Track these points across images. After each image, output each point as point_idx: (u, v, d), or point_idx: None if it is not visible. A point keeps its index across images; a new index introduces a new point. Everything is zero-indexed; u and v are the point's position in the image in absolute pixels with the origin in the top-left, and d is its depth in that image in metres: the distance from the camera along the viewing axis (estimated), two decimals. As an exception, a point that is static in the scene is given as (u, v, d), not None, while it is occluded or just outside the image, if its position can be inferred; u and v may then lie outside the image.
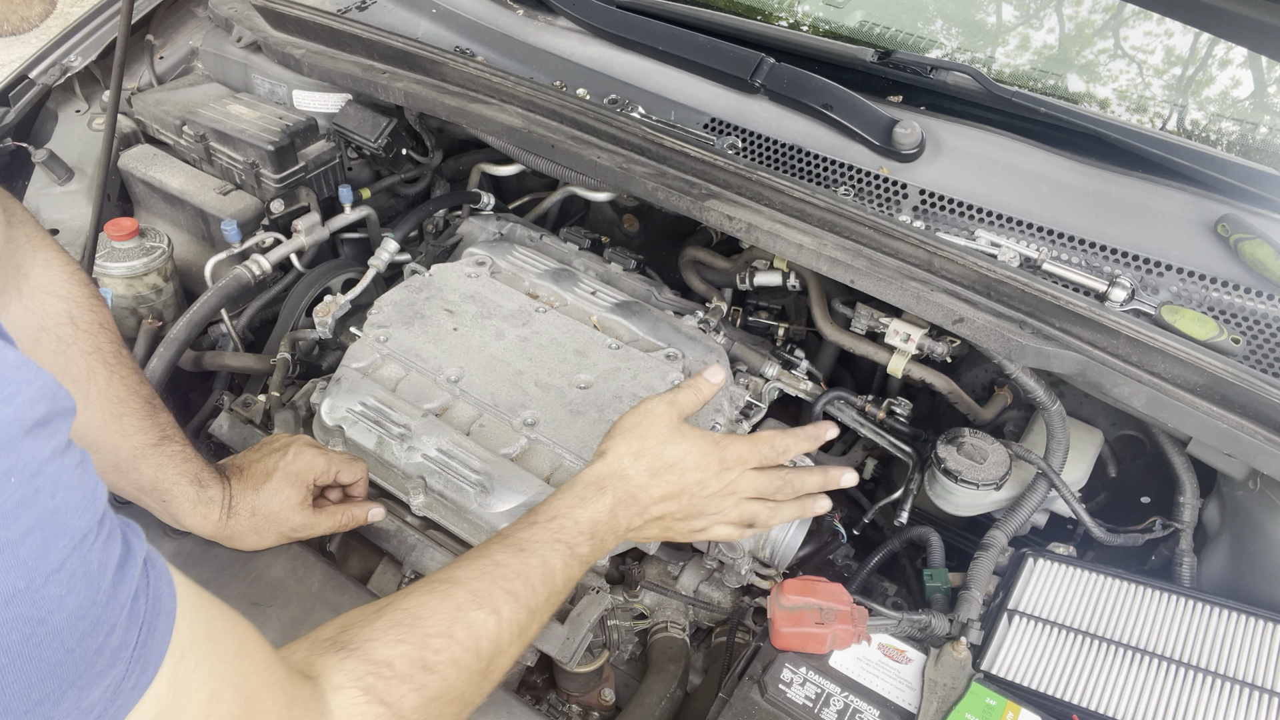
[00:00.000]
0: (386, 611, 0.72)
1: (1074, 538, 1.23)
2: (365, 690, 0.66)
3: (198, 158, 1.55)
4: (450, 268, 1.39)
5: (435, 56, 1.47)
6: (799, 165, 1.39)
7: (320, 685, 0.65)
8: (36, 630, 0.40)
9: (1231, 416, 1.00)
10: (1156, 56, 1.67)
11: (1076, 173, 1.29)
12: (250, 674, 0.57)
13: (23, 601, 0.39)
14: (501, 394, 1.19)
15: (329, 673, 0.66)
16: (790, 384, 1.33)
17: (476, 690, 0.75)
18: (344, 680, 0.66)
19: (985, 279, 1.11)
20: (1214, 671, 0.94)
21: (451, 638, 0.72)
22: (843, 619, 0.98)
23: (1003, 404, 1.31)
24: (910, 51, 1.52)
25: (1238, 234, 1.16)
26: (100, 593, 0.44)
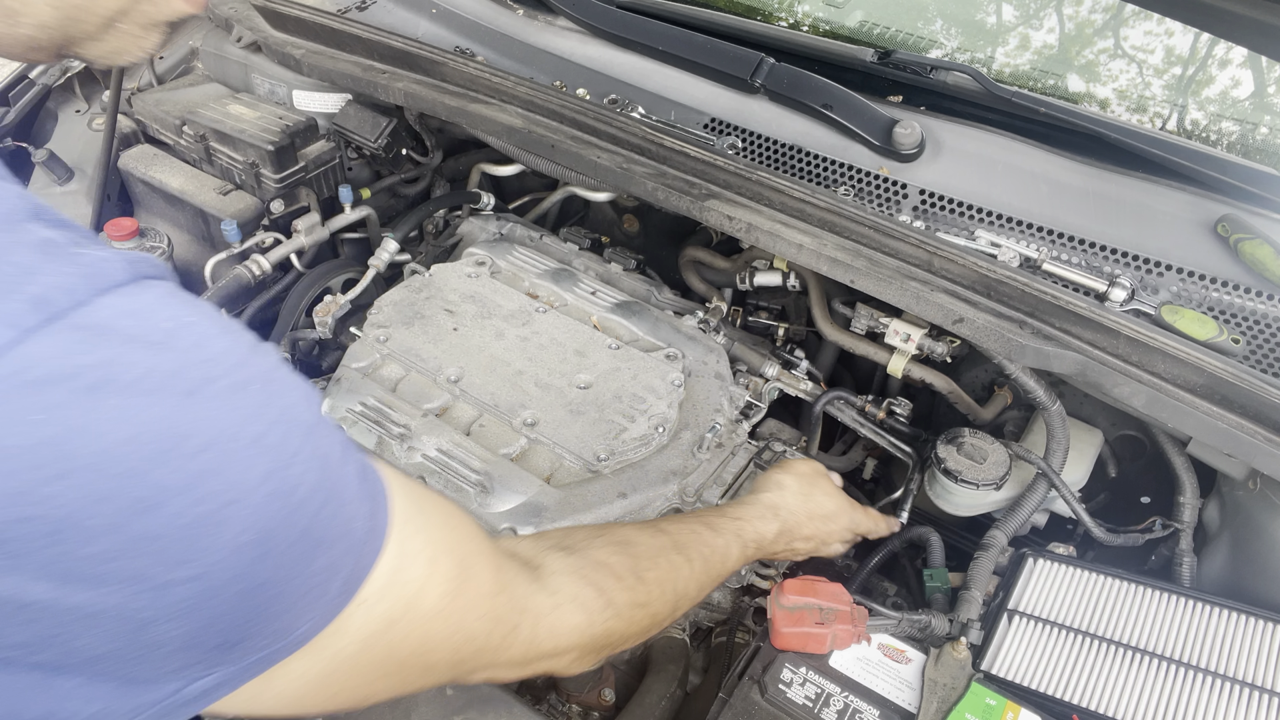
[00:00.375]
0: (605, 534, 0.83)
1: (1074, 538, 1.23)
2: (584, 578, 0.76)
3: (198, 158, 1.55)
4: (450, 268, 1.39)
5: (435, 56, 1.47)
6: (799, 165, 1.40)
7: (541, 570, 0.74)
8: (287, 502, 0.48)
9: (1231, 416, 1.00)
10: (1156, 56, 1.67)
11: (1076, 173, 1.29)
12: (459, 542, 0.64)
13: (275, 479, 0.48)
14: (501, 394, 1.19)
15: (551, 563, 0.75)
16: (790, 384, 1.33)
17: (668, 615, 0.85)
18: (565, 568, 0.75)
19: (985, 279, 1.11)
20: (1214, 671, 0.94)
21: (657, 565, 0.83)
22: (843, 619, 0.98)
23: (1003, 404, 1.31)
24: (910, 51, 1.52)
25: (1238, 234, 1.16)
26: (332, 470, 0.52)
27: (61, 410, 0.40)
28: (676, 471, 1.14)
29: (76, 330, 0.41)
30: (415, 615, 0.59)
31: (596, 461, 1.12)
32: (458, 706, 0.91)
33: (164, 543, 0.43)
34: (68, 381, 0.40)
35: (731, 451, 1.20)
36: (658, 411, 1.18)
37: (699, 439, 1.18)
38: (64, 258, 0.43)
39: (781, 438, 1.29)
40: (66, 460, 0.40)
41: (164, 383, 0.43)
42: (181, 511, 0.43)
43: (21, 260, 0.41)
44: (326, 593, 0.53)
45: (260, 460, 0.47)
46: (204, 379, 0.45)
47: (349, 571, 0.54)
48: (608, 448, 1.13)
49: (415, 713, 0.90)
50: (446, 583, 0.62)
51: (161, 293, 0.46)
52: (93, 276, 0.43)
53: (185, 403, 0.44)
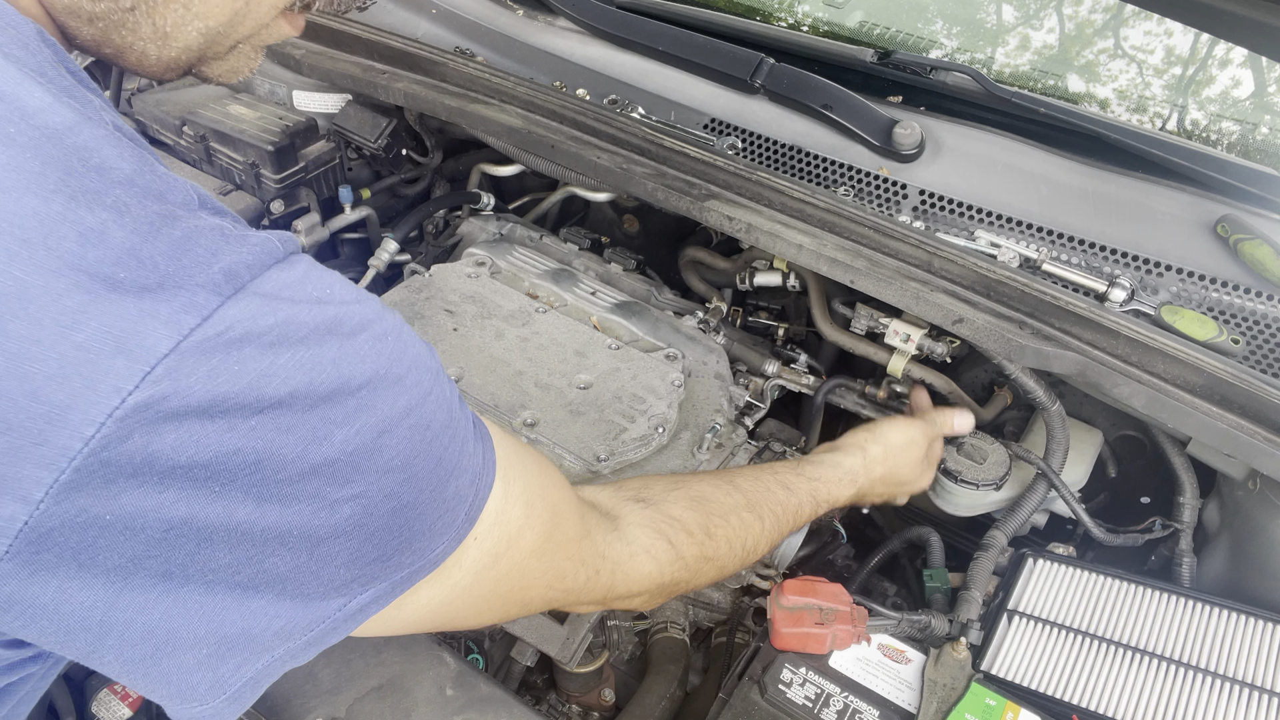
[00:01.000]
0: (681, 488, 0.89)
1: (1074, 538, 1.23)
2: (658, 531, 0.83)
3: (198, 158, 1.55)
4: (450, 268, 1.39)
5: (435, 56, 1.48)
6: (799, 165, 1.40)
7: (619, 521, 0.82)
8: (425, 434, 0.57)
9: (1231, 417, 1.00)
10: (1156, 56, 1.67)
11: (1076, 173, 1.29)
12: (551, 490, 0.72)
13: (415, 414, 0.56)
14: (501, 394, 1.19)
15: (629, 514, 0.83)
16: (791, 379, 1.33)
17: (736, 568, 0.92)
18: (641, 520, 0.83)
19: (985, 279, 1.11)
20: (1214, 671, 0.94)
21: (728, 522, 0.89)
22: (842, 619, 0.98)
23: (1003, 404, 1.31)
24: (910, 52, 1.52)
25: (1237, 234, 1.16)
26: (454, 411, 0.62)
27: (254, 361, 0.48)
28: (676, 471, 1.14)
29: (256, 297, 0.49)
30: (515, 552, 0.68)
31: (596, 462, 1.12)
32: (458, 707, 0.91)
33: (335, 467, 0.52)
34: (258, 339, 0.48)
35: (731, 451, 1.20)
36: (658, 412, 1.18)
37: (699, 439, 1.18)
38: (237, 239, 0.50)
39: (781, 438, 1.29)
40: (262, 401, 0.48)
41: (325, 337, 0.52)
42: (347, 440, 0.52)
43: (209, 243, 0.49)
44: (456, 518, 0.61)
45: (402, 398, 0.55)
46: (353, 331, 0.53)
47: (471, 501, 0.62)
48: (608, 448, 1.13)
49: (415, 713, 0.90)
50: (541, 525, 0.70)
51: (309, 264, 0.55)
52: (261, 253, 0.51)
53: (342, 352, 0.52)
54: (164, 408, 0.45)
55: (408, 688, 0.92)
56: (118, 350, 0.44)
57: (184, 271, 0.47)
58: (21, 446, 0.43)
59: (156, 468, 0.46)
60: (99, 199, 0.46)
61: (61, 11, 0.57)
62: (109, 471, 0.45)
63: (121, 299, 0.45)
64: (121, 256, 0.45)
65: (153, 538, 0.47)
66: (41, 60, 0.49)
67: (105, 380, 0.44)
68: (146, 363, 0.45)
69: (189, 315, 0.46)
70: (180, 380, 0.45)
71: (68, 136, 0.46)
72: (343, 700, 0.90)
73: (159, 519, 0.47)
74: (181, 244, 0.47)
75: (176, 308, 0.46)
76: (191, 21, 0.60)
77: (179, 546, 0.48)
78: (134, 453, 0.45)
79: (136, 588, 0.48)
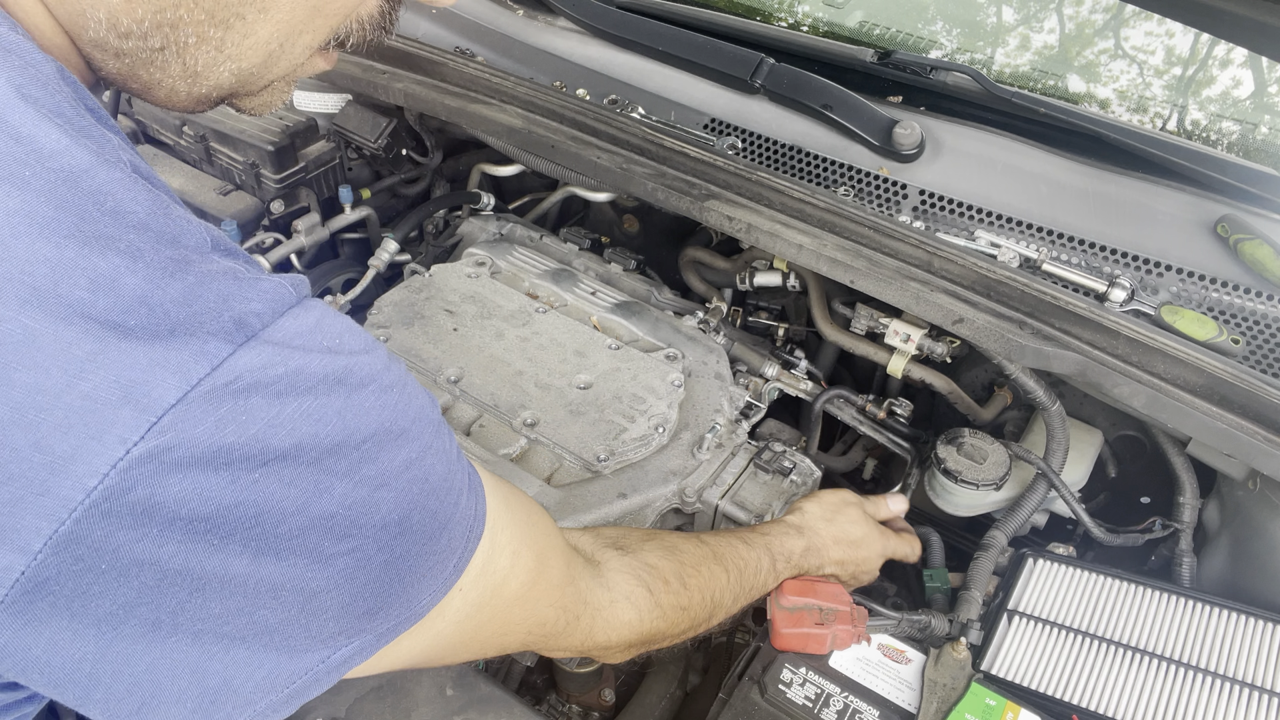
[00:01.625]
0: (655, 538, 0.90)
1: (1074, 538, 1.23)
2: (638, 579, 0.83)
3: (198, 158, 1.55)
4: (450, 268, 1.39)
5: (435, 56, 1.48)
6: (799, 165, 1.39)
7: (600, 568, 0.82)
8: (423, 487, 0.57)
9: (1231, 417, 1.00)
10: (1157, 57, 1.67)
11: (1076, 173, 1.29)
12: (538, 538, 0.72)
13: (415, 468, 0.56)
14: (501, 394, 1.19)
15: (610, 561, 0.83)
16: (790, 384, 1.33)
17: (704, 621, 0.92)
18: (622, 568, 0.83)
19: (985, 279, 1.11)
20: (1214, 671, 0.94)
21: (699, 573, 0.89)
22: (843, 619, 0.98)
23: (1003, 404, 1.31)
24: (910, 52, 1.52)
25: (1237, 234, 1.16)
26: (452, 464, 0.62)
27: (261, 412, 0.48)
28: (676, 472, 1.14)
29: (268, 346, 0.49)
30: (499, 600, 0.68)
31: (596, 462, 1.12)
32: (457, 707, 0.91)
33: (333, 521, 0.52)
34: (266, 389, 0.48)
35: (731, 452, 1.20)
36: (658, 412, 1.18)
37: (699, 439, 1.18)
38: (249, 283, 0.50)
39: (781, 438, 1.29)
40: (267, 453, 0.48)
41: (333, 388, 0.51)
42: (347, 493, 0.52)
43: (221, 288, 0.48)
44: (444, 569, 0.61)
45: (403, 451, 0.55)
46: (360, 383, 0.53)
47: (460, 552, 0.62)
48: (608, 448, 1.13)
49: (415, 713, 0.90)
50: (526, 573, 0.70)
51: (322, 310, 0.54)
52: (273, 300, 0.50)
53: (349, 403, 0.52)
54: (169, 458, 0.45)
55: (408, 688, 0.92)
56: (125, 400, 0.44)
57: (195, 318, 0.46)
58: (23, 497, 0.43)
59: (158, 519, 0.46)
60: (112, 244, 0.45)
61: (87, 44, 0.56)
62: (110, 523, 0.44)
63: (131, 347, 0.44)
64: (132, 304, 0.45)
65: (146, 585, 0.47)
66: (60, 100, 0.48)
67: (111, 430, 0.44)
68: (153, 413, 0.44)
69: (199, 364, 0.46)
70: (186, 430, 0.45)
71: (84, 180, 0.45)
72: (343, 700, 0.90)
73: (155, 569, 0.47)
74: (194, 290, 0.47)
75: (186, 356, 0.46)
76: (224, 64, 0.59)
77: (171, 595, 0.48)
78: (136, 503, 0.45)
79: (126, 638, 0.48)
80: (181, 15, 0.55)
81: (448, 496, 0.60)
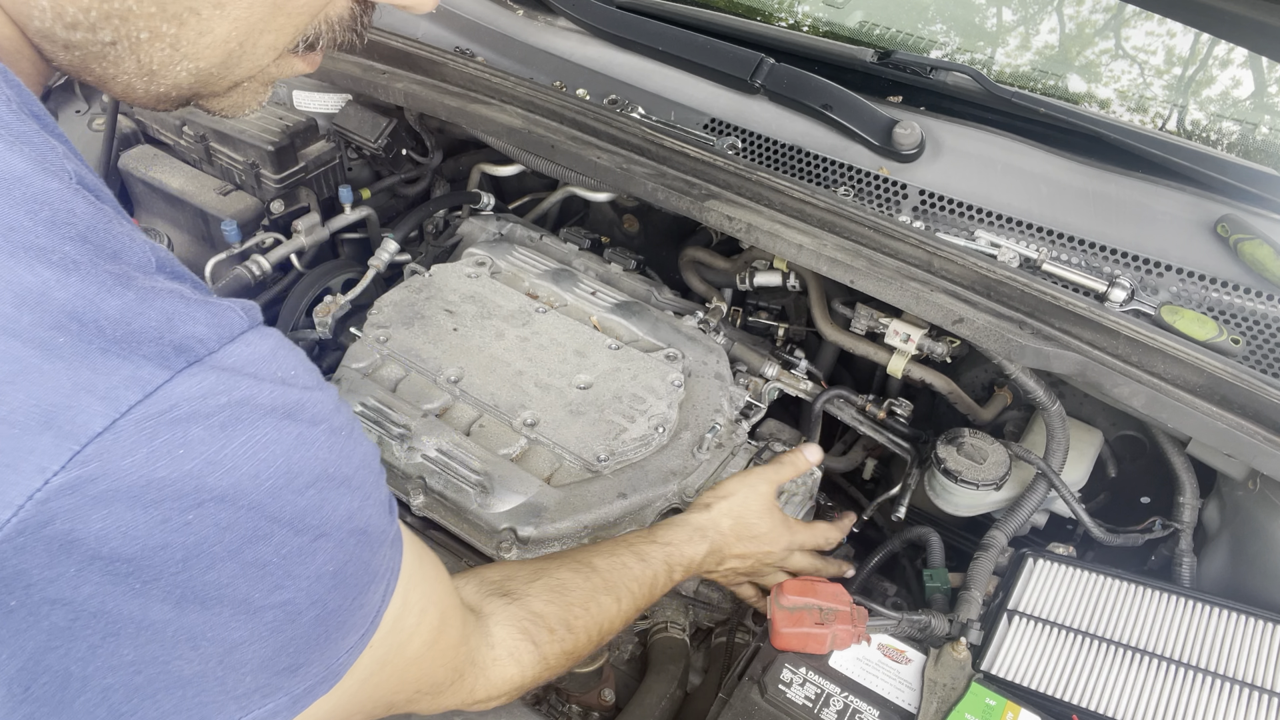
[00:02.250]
0: (541, 577, 0.87)
1: (1074, 538, 1.23)
2: (522, 631, 0.80)
3: (198, 158, 1.55)
4: (450, 268, 1.39)
5: (435, 56, 1.48)
6: (799, 165, 1.40)
7: (485, 620, 0.79)
8: (361, 539, 0.54)
9: (1231, 416, 1.00)
10: (1157, 57, 1.67)
11: (1076, 173, 1.29)
12: (441, 597, 0.69)
13: (355, 519, 0.53)
14: (501, 394, 1.19)
15: (494, 612, 0.80)
16: (790, 384, 1.33)
17: (587, 653, 0.89)
18: (506, 619, 0.80)
19: (985, 279, 1.11)
20: (1214, 671, 0.94)
21: (587, 611, 0.87)
22: (843, 619, 0.98)
23: (1003, 404, 1.31)
24: (910, 52, 1.52)
25: (1237, 234, 1.16)
26: (385, 515, 0.59)
27: (201, 445, 0.44)
28: (676, 472, 1.14)
29: (213, 372, 0.45)
30: (400, 660, 0.64)
31: (596, 462, 1.12)
32: (458, 707, 0.91)
33: (267, 569, 0.48)
34: (207, 419, 0.44)
35: (731, 452, 1.20)
36: (658, 412, 1.18)
37: (699, 439, 1.18)
38: (196, 306, 0.46)
39: (781, 438, 1.29)
40: (203, 492, 0.44)
41: (283, 423, 0.48)
42: (285, 541, 0.48)
43: (166, 307, 0.45)
44: (362, 625, 0.57)
45: (345, 500, 0.52)
46: (312, 421, 0.50)
47: (379, 608, 0.59)
48: (608, 448, 1.13)
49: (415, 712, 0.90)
50: (429, 632, 0.67)
51: (277, 340, 0.51)
52: (221, 325, 0.47)
53: (299, 442, 0.49)
54: (92, 491, 0.41)
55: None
56: (45, 425, 0.40)
57: (132, 339, 0.43)
58: None
59: (75, 556, 0.42)
60: (45, 256, 0.42)
61: (35, 35, 0.53)
62: (23, 558, 0.41)
63: (55, 368, 0.41)
64: (62, 320, 0.41)
65: (57, 627, 0.43)
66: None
67: (29, 459, 0.40)
68: (76, 441, 0.41)
69: (130, 390, 0.42)
70: (113, 462, 0.41)
71: (17, 188, 0.42)
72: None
73: (69, 609, 0.43)
74: (133, 308, 0.43)
75: (118, 381, 0.42)
76: (180, 62, 0.55)
77: (83, 639, 0.44)
78: (53, 538, 0.41)
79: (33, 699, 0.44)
80: (130, 7, 0.51)
81: (379, 549, 0.57)
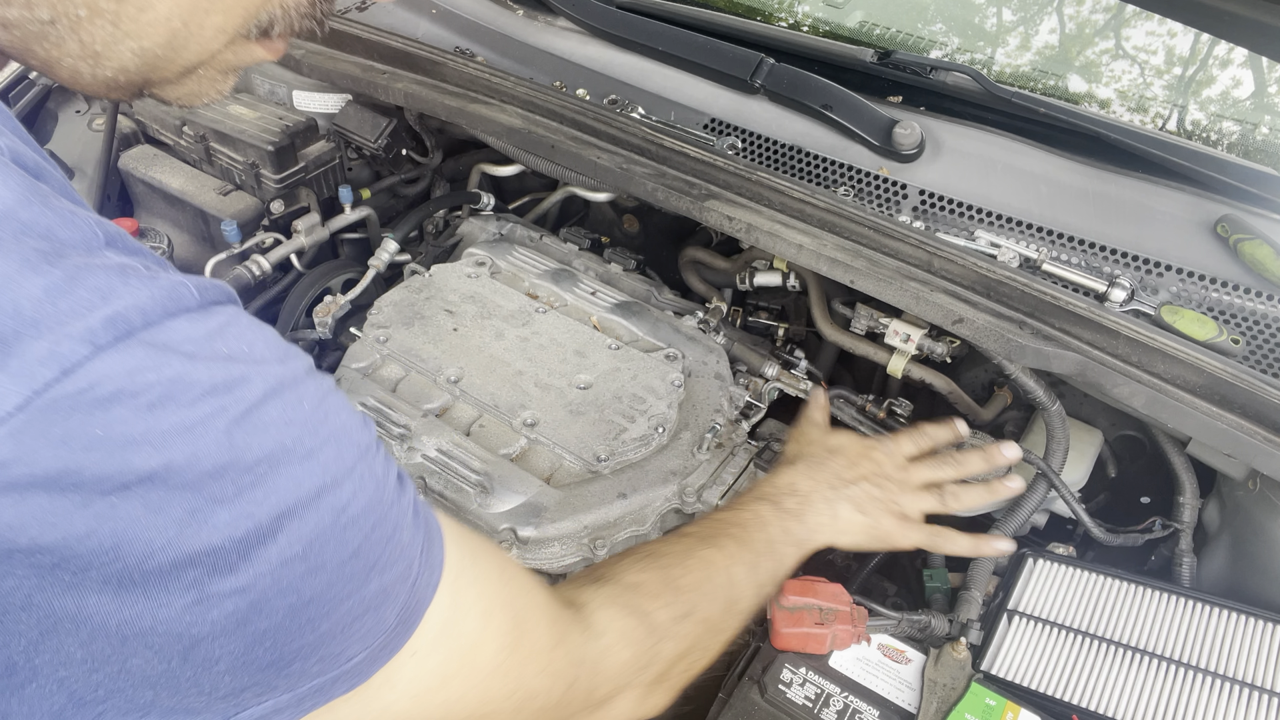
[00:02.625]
0: (629, 554, 0.84)
1: (1074, 538, 1.23)
2: (623, 606, 0.76)
3: (198, 158, 1.55)
4: (450, 268, 1.39)
5: (435, 57, 1.48)
6: (799, 165, 1.39)
7: (584, 609, 0.74)
8: (339, 518, 0.49)
9: (1231, 417, 1.00)
10: (1157, 57, 1.67)
11: (1076, 173, 1.29)
12: (515, 596, 0.64)
13: (329, 495, 0.49)
14: (501, 394, 1.19)
15: (590, 598, 0.75)
16: (790, 384, 1.33)
17: (724, 614, 0.85)
18: (602, 600, 0.76)
19: (985, 279, 1.11)
20: (1214, 671, 0.94)
21: (688, 567, 0.83)
22: (843, 619, 0.98)
23: (1003, 404, 1.31)
24: (910, 52, 1.52)
25: (1237, 234, 1.16)
26: (385, 495, 0.53)
27: (123, 425, 0.41)
28: (676, 472, 1.14)
29: (145, 348, 0.42)
30: (473, 670, 0.59)
31: (596, 462, 1.12)
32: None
33: (217, 555, 0.44)
34: (133, 398, 0.41)
35: (731, 451, 1.20)
36: (658, 412, 1.18)
37: (699, 439, 1.18)
38: (140, 281, 0.43)
39: (781, 438, 1.29)
40: (127, 473, 0.41)
41: (222, 399, 0.44)
42: (234, 522, 0.44)
43: (100, 283, 0.42)
44: (382, 621, 0.52)
45: (313, 476, 0.48)
46: (263, 396, 0.46)
47: (405, 602, 0.54)
48: (608, 448, 1.13)
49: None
50: (502, 637, 0.61)
51: (228, 317, 0.47)
52: (166, 300, 0.44)
53: (243, 418, 0.45)
54: (3, 478, 0.39)
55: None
56: None
57: (57, 316, 0.40)
58: None
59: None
60: None
61: None
62: None
63: None
64: None
65: None
66: None
67: None
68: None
69: (46, 368, 0.39)
70: (25, 445, 0.39)
71: None
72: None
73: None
74: (60, 286, 0.41)
75: (32, 360, 0.39)
76: (123, 40, 0.53)
77: (19, 634, 0.41)
78: None
79: None
80: None
81: (379, 530, 0.52)
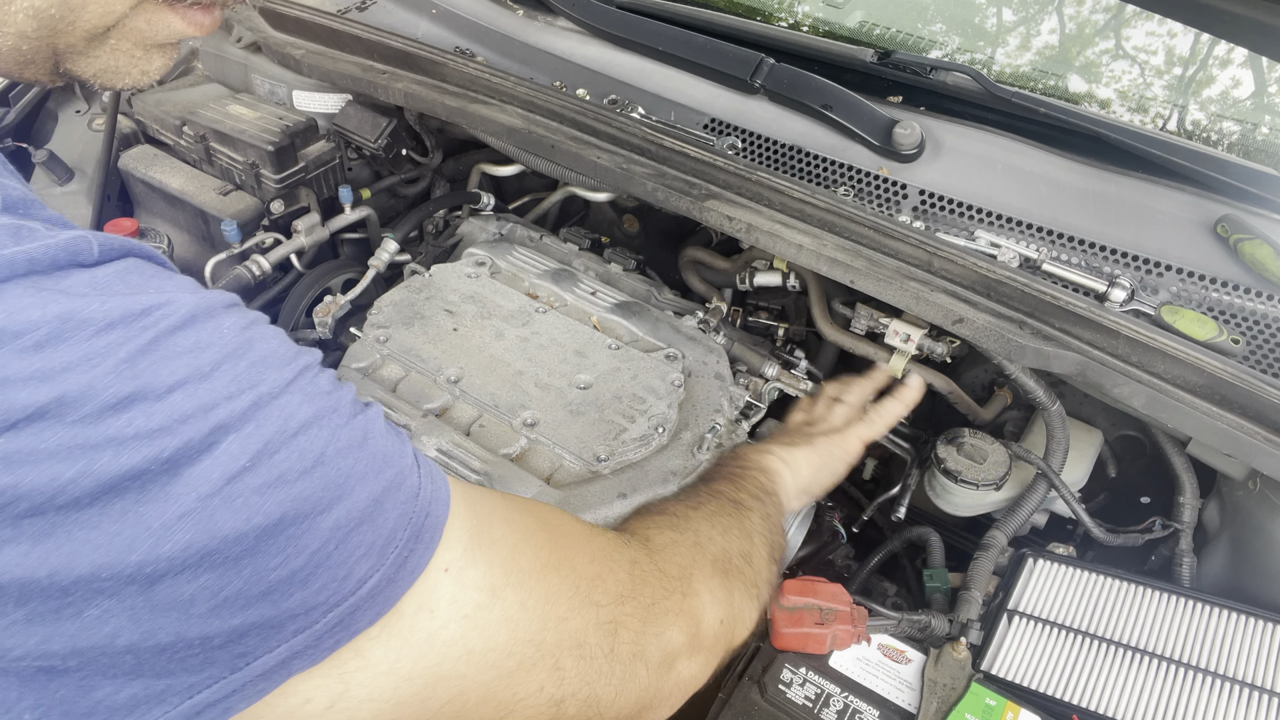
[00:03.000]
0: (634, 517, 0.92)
1: (1074, 538, 1.23)
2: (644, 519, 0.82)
3: (198, 158, 1.55)
4: (450, 268, 1.39)
5: (435, 57, 1.48)
6: (799, 165, 1.40)
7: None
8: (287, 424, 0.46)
9: (1231, 416, 1.00)
10: (1157, 57, 1.67)
11: (1076, 173, 1.29)
12: (531, 504, 0.66)
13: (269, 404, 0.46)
14: (501, 394, 1.19)
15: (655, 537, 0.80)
16: (790, 384, 1.33)
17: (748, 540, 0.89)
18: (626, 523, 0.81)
19: (985, 279, 1.11)
20: (1214, 671, 0.94)
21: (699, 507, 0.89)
22: (843, 619, 0.98)
23: (1003, 404, 1.31)
24: (910, 52, 1.52)
25: (1237, 234, 1.16)
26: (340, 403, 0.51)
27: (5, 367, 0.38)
28: (676, 472, 1.14)
29: (28, 290, 0.40)
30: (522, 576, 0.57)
31: (596, 462, 1.12)
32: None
33: (143, 480, 0.40)
34: (16, 338, 0.39)
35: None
36: (658, 412, 1.18)
37: (699, 439, 1.18)
38: (35, 237, 0.42)
39: (781, 438, 1.29)
40: (14, 412, 0.38)
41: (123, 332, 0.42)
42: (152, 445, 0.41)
43: None
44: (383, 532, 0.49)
45: (245, 393, 0.45)
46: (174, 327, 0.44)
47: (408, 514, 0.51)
48: (608, 448, 1.13)
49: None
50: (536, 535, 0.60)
51: (130, 265, 0.45)
52: (59, 251, 0.42)
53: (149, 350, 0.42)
54: None
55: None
56: None
57: None
58: None
59: None
60: None
61: None
62: None
63: None
64: None
65: None
66: None
67: None
68: None
69: None
70: None
71: None
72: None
73: None
74: None
75: None
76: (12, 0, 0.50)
77: None
78: None
79: None
80: None
81: (341, 438, 0.48)
